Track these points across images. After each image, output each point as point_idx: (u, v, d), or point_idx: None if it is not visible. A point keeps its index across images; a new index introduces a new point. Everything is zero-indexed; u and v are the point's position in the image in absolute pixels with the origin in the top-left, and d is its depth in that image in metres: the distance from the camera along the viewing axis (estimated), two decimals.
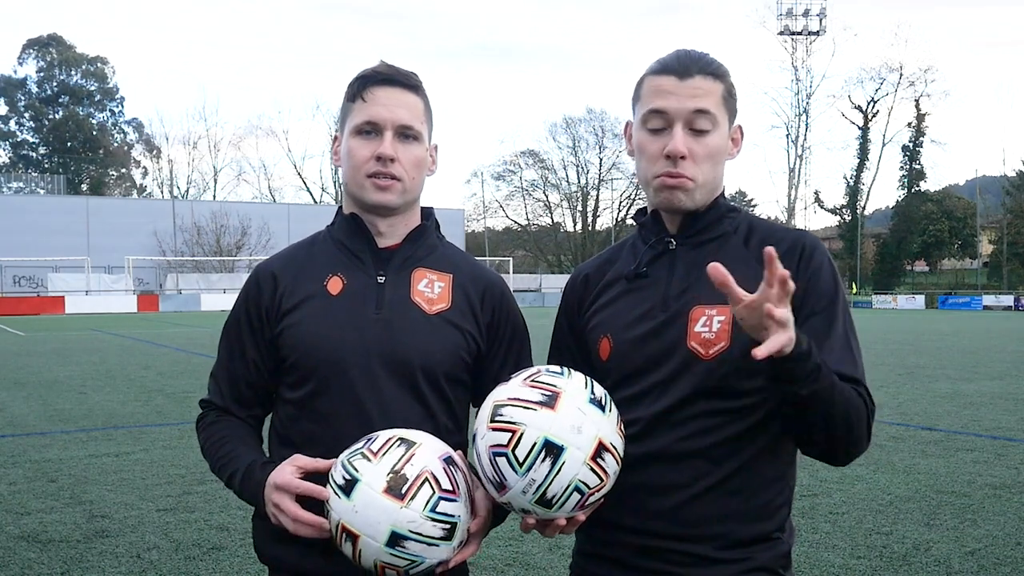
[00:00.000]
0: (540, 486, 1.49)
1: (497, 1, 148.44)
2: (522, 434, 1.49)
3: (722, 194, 1.77)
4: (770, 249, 1.42)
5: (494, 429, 1.52)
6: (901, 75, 67.04)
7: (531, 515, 1.55)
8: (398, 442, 1.59)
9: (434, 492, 1.54)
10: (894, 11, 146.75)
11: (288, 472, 1.68)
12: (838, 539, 5.17)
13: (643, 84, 1.73)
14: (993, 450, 7.78)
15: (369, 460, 1.56)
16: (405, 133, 1.80)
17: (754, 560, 1.66)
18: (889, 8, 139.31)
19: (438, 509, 1.54)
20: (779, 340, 1.41)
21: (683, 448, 1.64)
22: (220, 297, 47.18)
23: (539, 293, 57.51)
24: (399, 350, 1.78)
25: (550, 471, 1.48)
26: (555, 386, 1.54)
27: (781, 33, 68.92)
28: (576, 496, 1.51)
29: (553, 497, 1.50)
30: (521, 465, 1.49)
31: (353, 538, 1.55)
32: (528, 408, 1.51)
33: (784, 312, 1.41)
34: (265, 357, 1.85)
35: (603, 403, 1.56)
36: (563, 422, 1.50)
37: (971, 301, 53.57)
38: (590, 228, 73.80)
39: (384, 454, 1.56)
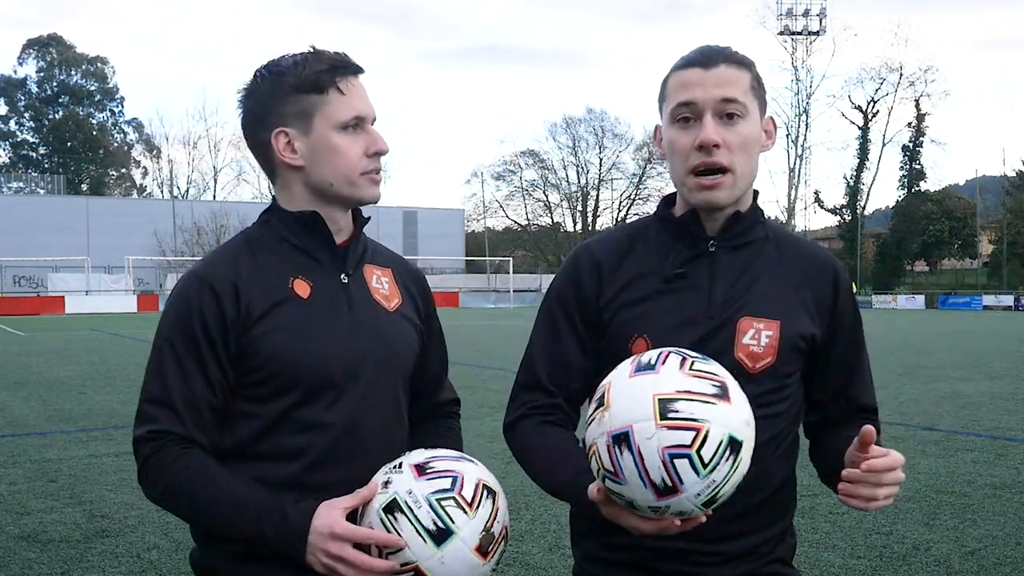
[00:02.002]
0: (717, 486, 1.35)
1: (497, 1, 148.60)
2: (707, 432, 1.33)
3: (756, 196, 1.74)
4: (869, 431, 1.51)
5: (672, 428, 1.33)
6: (901, 75, 67.03)
7: (679, 517, 1.40)
8: (485, 492, 1.55)
9: (506, 548, 1.58)
10: (894, 11, 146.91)
11: (340, 516, 1.53)
12: (838, 539, 5.17)
13: (668, 81, 1.69)
14: (993, 450, 7.78)
15: (465, 512, 1.51)
16: (373, 123, 1.73)
17: (772, 554, 1.71)
18: (889, 8, 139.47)
19: (501, 561, 1.58)
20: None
21: None
22: None
23: (539, 293, 57.44)
24: (380, 352, 1.73)
25: (730, 470, 1.35)
26: (718, 375, 1.41)
27: (781, 33, 68.88)
28: (733, 493, 1.40)
29: (721, 497, 1.37)
30: (706, 466, 1.33)
31: None
32: (708, 403, 1.35)
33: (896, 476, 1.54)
34: (228, 374, 1.65)
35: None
36: (740, 416, 1.38)
37: (971, 301, 53.52)
38: (590, 228, 73.75)
39: (478, 507, 1.53)
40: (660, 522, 1.41)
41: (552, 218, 75.50)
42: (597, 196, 74.29)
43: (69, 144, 74.48)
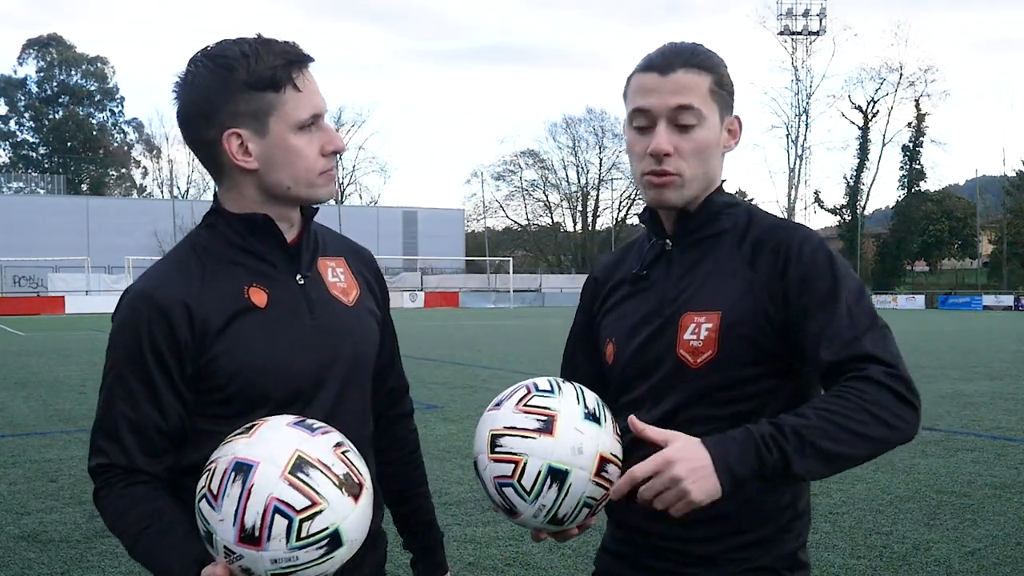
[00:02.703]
0: (550, 510, 1.50)
1: (497, 1, 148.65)
2: (525, 464, 1.49)
3: (719, 189, 1.71)
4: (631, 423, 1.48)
5: (496, 460, 1.52)
6: (901, 75, 66.97)
7: (544, 531, 1.57)
8: (233, 474, 1.37)
9: (290, 519, 1.33)
10: (894, 11, 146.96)
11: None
12: (838, 539, 5.17)
13: (630, 82, 1.70)
14: (993, 450, 7.78)
15: (212, 507, 1.37)
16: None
17: (754, 561, 1.65)
18: (889, 8, 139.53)
19: (303, 533, 1.34)
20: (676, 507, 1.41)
21: None
22: None
23: (539, 293, 57.48)
24: (345, 354, 1.67)
25: (558, 496, 1.49)
26: (549, 408, 1.53)
27: (781, 33, 68.84)
28: (586, 511, 1.53)
29: (564, 516, 1.52)
30: (529, 493, 1.49)
31: None
32: (526, 437, 1.50)
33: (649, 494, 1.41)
34: (184, 398, 1.58)
35: (597, 415, 1.54)
36: (563, 445, 1.49)
37: (971, 301, 53.53)
38: (590, 228, 73.77)
39: (224, 496, 1.36)
40: (538, 533, 1.59)
41: (552, 218, 75.63)
42: (597, 196, 74.35)
43: (69, 144, 74.45)
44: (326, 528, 1.35)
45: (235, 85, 1.52)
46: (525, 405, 1.54)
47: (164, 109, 77.89)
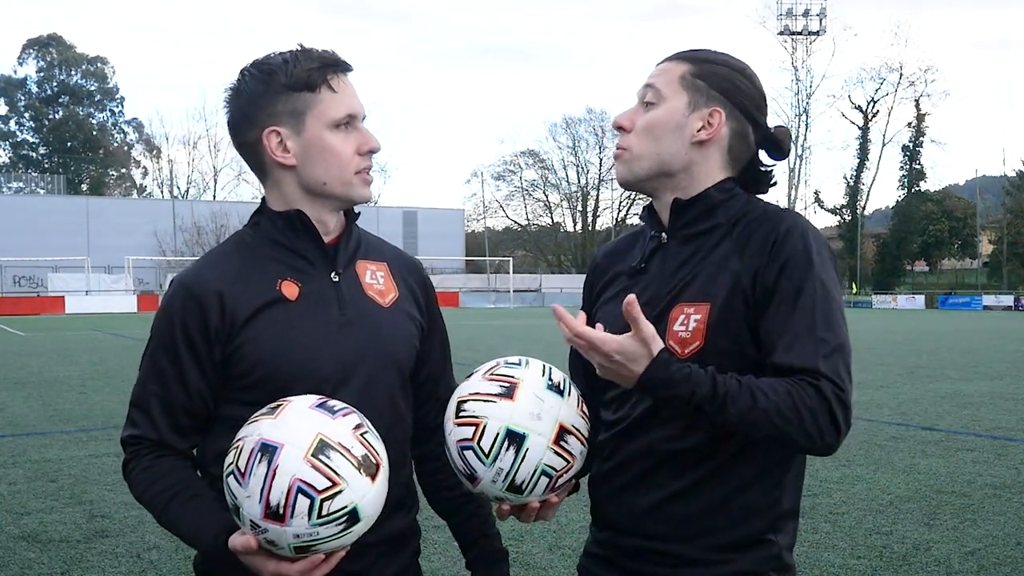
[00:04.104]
0: (508, 474, 1.54)
1: (498, 1, 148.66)
2: (484, 426, 1.55)
3: (719, 185, 1.70)
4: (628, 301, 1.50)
5: (459, 424, 1.58)
6: (901, 75, 67.02)
7: (505, 502, 1.59)
8: (259, 454, 1.44)
9: (312, 499, 1.41)
10: (894, 11, 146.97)
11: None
12: (838, 539, 5.18)
13: None
14: (993, 450, 7.78)
15: (240, 483, 1.45)
16: (363, 121, 1.72)
17: (739, 563, 1.63)
18: (889, 8, 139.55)
19: (324, 512, 1.42)
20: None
21: (666, 448, 1.63)
22: None
23: (539, 293, 57.46)
24: (373, 351, 1.70)
25: (515, 459, 1.54)
26: (512, 377, 1.59)
27: (781, 33, 68.87)
28: (544, 480, 1.57)
29: (522, 483, 1.55)
30: (487, 456, 1.54)
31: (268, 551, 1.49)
32: (488, 401, 1.57)
33: (598, 358, 1.52)
34: (211, 382, 1.66)
35: (561, 388, 1.60)
36: (522, 410, 1.55)
37: (971, 301, 53.53)
38: (590, 228, 73.81)
39: (251, 474, 1.43)
40: (500, 506, 1.60)
41: (552, 218, 75.64)
42: (597, 196, 74.37)
43: (69, 144, 74.43)
44: (345, 507, 1.43)
45: (275, 88, 1.64)
46: (491, 374, 1.61)
47: (164, 109, 78.21)
